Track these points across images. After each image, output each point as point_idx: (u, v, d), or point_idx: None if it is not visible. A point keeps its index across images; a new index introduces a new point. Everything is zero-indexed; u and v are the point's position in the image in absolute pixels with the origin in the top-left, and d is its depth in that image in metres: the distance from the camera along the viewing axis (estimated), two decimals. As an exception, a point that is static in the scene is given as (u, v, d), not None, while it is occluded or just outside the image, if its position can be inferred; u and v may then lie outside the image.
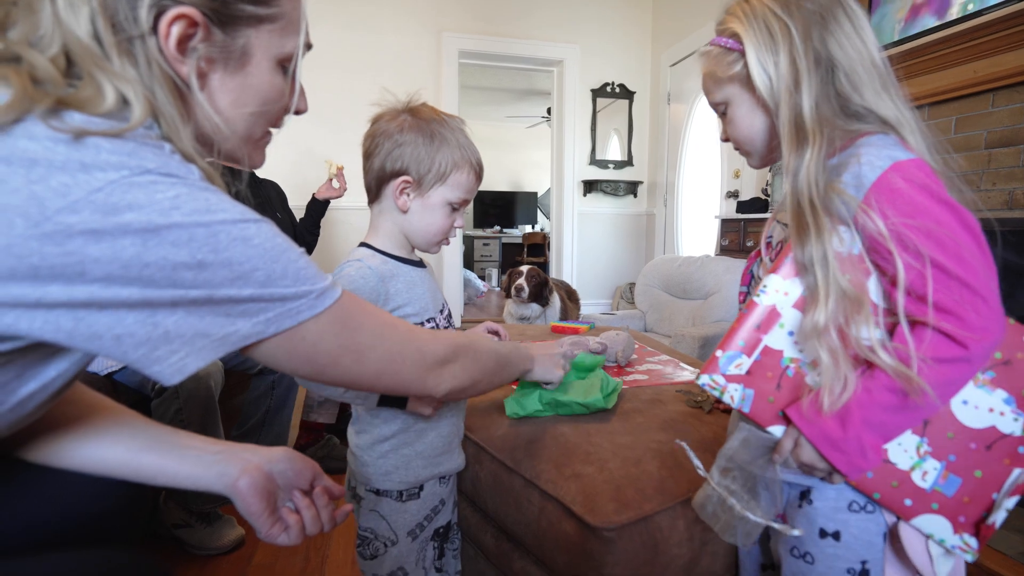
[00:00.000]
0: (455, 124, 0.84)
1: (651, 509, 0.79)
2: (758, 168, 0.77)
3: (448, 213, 0.85)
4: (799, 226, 0.61)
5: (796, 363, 0.62)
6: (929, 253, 0.55)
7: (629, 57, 4.24)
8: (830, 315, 0.58)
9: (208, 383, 1.34)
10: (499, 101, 6.91)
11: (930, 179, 0.58)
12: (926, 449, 0.61)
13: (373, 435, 0.84)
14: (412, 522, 0.86)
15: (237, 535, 1.45)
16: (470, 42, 3.83)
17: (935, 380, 0.56)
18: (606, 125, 4.28)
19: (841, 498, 0.64)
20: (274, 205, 2.04)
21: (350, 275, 0.79)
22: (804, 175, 0.61)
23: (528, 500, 0.89)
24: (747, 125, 0.70)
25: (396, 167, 0.81)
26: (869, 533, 0.64)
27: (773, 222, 0.74)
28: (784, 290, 0.62)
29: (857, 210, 0.58)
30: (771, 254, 0.72)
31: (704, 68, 0.72)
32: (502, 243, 7.82)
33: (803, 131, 0.62)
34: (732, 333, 0.63)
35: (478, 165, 0.85)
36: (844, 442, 0.58)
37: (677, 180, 4.00)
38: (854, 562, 0.64)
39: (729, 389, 0.63)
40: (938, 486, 0.60)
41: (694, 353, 2.22)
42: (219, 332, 0.45)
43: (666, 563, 0.79)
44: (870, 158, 0.59)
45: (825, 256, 0.58)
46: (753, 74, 0.64)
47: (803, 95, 0.62)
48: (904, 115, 0.64)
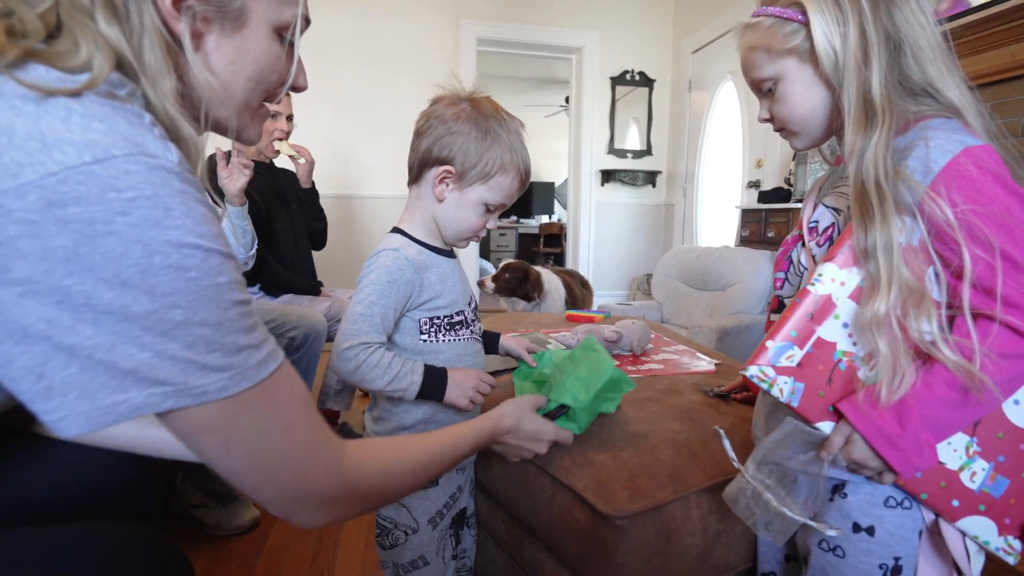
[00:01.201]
0: (513, 126, 0.82)
1: (664, 498, 0.78)
2: (802, 150, 0.74)
3: (482, 213, 0.83)
4: (863, 210, 0.57)
5: (849, 357, 0.59)
6: (999, 244, 0.53)
7: (649, 44, 4.17)
8: (891, 305, 0.55)
9: None
10: (517, 90, 6.86)
11: (1000, 166, 0.56)
12: (975, 449, 0.59)
13: (393, 423, 0.84)
14: (432, 510, 0.86)
15: (252, 516, 1.47)
16: (488, 29, 3.79)
17: (998, 376, 0.53)
18: (625, 114, 4.22)
19: (877, 493, 0.62)
20: (288, 196, 2.05)
21: (387, 266, 0.78)
22: (872, 157, 0.57)
23: (540, 487, 0.88)
24: (803, 103, 0.65)
25: (442, 154, 0.79)
26: (905, 529, 0.62)
27: (818, 206, 0.70)
28: (840, 279, 0.59)
29: (923, 197, 0.55)
30: (817, 240, 0.68)
31: (751, 40, 0.66)
32: (519, 233, 7.79)
33: (872, 109, 0.58)
34: (783, 323, 0.60)
35: (525, 172, 0.83)
36: (901, 439, 0.56)
37: (697, 170, 3.93)
38: (887, 558, 0.62)
39: (779, 382, 0.60)
40: (986, 487, 0.59)
41: (711, 345, 2.19)
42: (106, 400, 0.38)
43: (679, 553, 0.77)
44: (940, 142, 0.56)
45: (889, 243, 0.55)
46: (818, 47, 0.60)
47: (873, 71, 0.58)
48: (966, 97, 0.60)
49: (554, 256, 7.41)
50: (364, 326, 0.76)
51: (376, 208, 3.70)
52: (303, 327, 1.62)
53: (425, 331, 0.82)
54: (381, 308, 0.77)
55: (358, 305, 0.76)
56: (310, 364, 1.67)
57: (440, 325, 0.83)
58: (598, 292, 4.32)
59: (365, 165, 3.63)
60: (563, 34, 3.98)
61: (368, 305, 0.76)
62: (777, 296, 0.74)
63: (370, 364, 0.75)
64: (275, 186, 2.00)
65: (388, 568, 0.88)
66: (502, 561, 1.01)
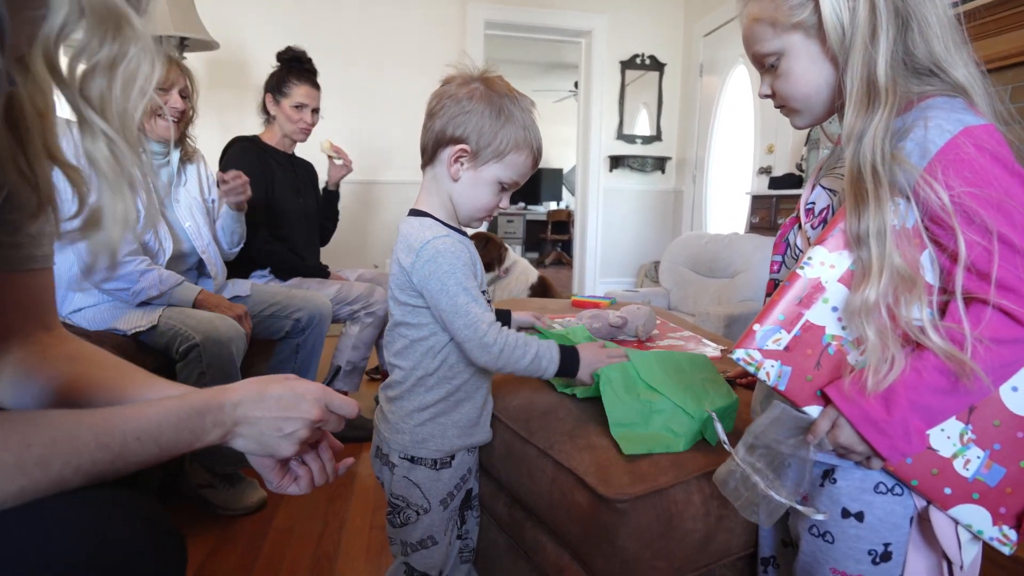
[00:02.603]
0: (525, 104, 0.82)
1: (666, 482, 0.77)
2: (803, 128, 0.70)
3: (497, 192, 0.83)
4: (857, 195, 0.56)
5: (838, 341, 0.58)
6: (996, 227, 0.51)
7: (660, 27, 4.09)
8: (882, 292, 0.54)
9: (231, 348, 1.36)
10: (525, 75, 6.79)
11: (1002, 147, 0.54)
12: (970, 437, 0.57)
13: (415, 403, 0.85)
14: (444, 490, 0.87)
15: (260, 497, 1.49)
16: (496, 12, 3.74)
17: (991, 362, 0.52)
18: (635, 99, 4.16)
19: (867, 479, 0.61)
20: (304, 186, 2.07)
21: (451, 251, 0.78)
22: (870, 140, 0.55)
23: (541, 470, 0.88)
24: (807, 80, 0.62)
25: (457, 133, 0.80)
26: (895, 516, 0.61)
27: (816, 187, 0.69)
28: (830, 263, 0.58)
29: (917, 180, 0.53)
30: (812, 222, 0.67)
31: (755, 12, 0.63)
32: (526, 220, 7.76)
33: (875, 90, 0.56)
34: (771, 306, 0.59)
35: (538, 151, 0.83)
36: (888, 424, 0.54)
37: (707, 156, 3.88)
38: (876, 544, 0.61)
39: (765, 365, 0.59)
40: (980, 475, 0.57)
41: (719, 332, 2.17)
42: None
43: (680, 537, 0.77)
44: (939, 121, 0.54)
45: (883, 229, 0.54)
46: (827, 22, 0.58)
47: (880, 48, 0.56)
48: (974, 77, 0.58)
49: (562, 243, 7.38)
50: (476, 309, 0.77)
51: (387, 193, 3.69)
52: (307, 309, 1.64)
53: None
54: (474, 289, 0.79)
55: (455, 297, 0.77)
56: (315, 345, 1.69)
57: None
58: (605, 279, 4.30)
59: (375, 151, 3.62)
60: (572, 17, 3.92)
61: (464, 291, 0.77)
62: (773, 279, 0.73)
63: (510, 345, 0.78)
64: (293, 175, 2.02)
65: (396, 545, 0.89)
66: (503, 543, 1.02)
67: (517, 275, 2.60)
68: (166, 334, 1.37)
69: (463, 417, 0.87)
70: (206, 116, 3.37)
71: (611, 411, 0.84)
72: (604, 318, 1.34)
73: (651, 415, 0.85)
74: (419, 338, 0.83)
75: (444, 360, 0.83)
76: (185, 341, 1.35)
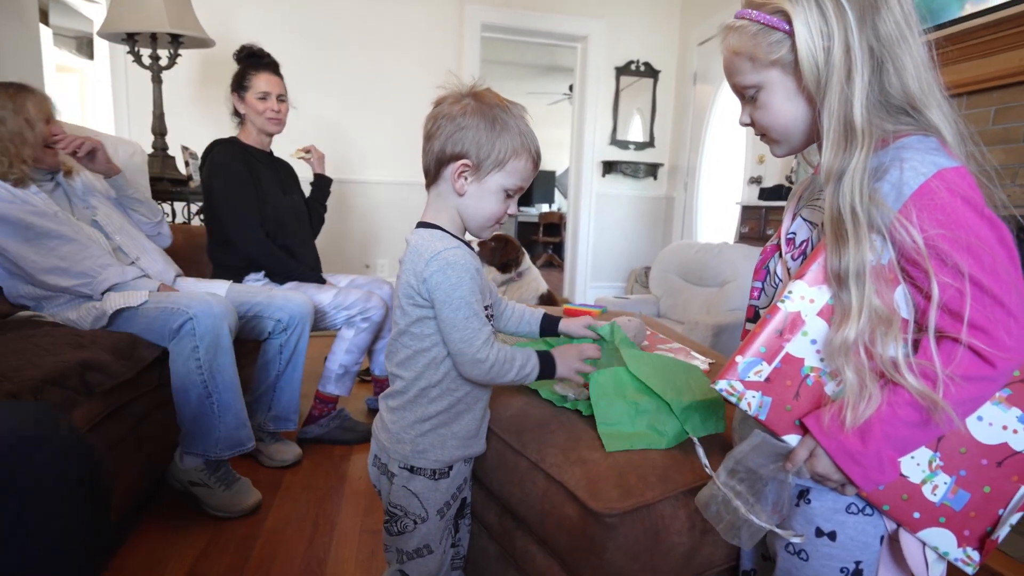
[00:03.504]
0: (517, 111, 0.85)
1: (654, 497, 0.80)
2: (781, 156, 0.72)
3: (503, 199, 0.85)
4: (837, 235, 0.57)
5: (816, 372, 0.61)
6: (968, 269, 0.53)
7: (656, 34, 4.13)
8: (860, 332, 0.56)
9: (223, 324, 1.40)
10: (521, 76, 6.80)
11: (972, 190, 0.56)
12: (938, 463, 0.60)
13: (416, 414, 0.86)
14: (441, 500, 0.88)
15: (256, 499, 1.49)
16: (493, 14, 3.76)
17: (959, 398, 0.54)
18: (629, 105, 4.19)
19: (840, 500, 0.64)
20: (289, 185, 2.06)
21: (461, 263, 0.80)
22: (849, 181, 0.57)
23: (532, 482, 0.90)
24: (784, 113, 0.64)
25: (456, 150, 0.82)
26: (866, 535, 0.64)
27: (796, 218, 0.71)
28: (810, 297, 0.60)
29: (892, 222, 0.55)
30: (793, 252, 0.69)
31: (734, 46, 0.63)
32: (518, 222, 7.77)
33: (852, 131, 0.57)
34: (753, 338, 0.61)
35: (536, 153, 0.86)
36: (864, 456, 0.57)
37: (699, 164, 3.92)
38: (848, 562, 0.64)
39: (747, 396, 0.62)
40: (947, 500, 0.60)
41: (707, 341, 2.21)
42: None
43: (666, 551, 0.80)
44: (914, 163, 0.56)
45: (862, 269, 0.56)
46: (802, 61, 0.58)
47: (855, 89, 0.57)
48: (947, 115, 0.59)
49: (553, 245, 7.41)
50: (474, 325, 0.80)
51: (375, 192, 3.69)
52: (287, 309, 1.65)
53: None
54: (477, 304, 0.81)
55: (459, 311, 0.79)
56: (299, 344, 1.69)
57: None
58: (596, 283, 4.34)
59: (366, 150, 3.62)
60: (569, 22, 3.94)
61: (466, 305, 0.79)
62: (753, 306, 0.75)
63: (499, 361, 0.81)
64: (276, 173, 2.01)
65: (391, 553, 0.91)
66: (494, 552, 1.04)
67: (529, 282, 2.62)
68: (159, 318, 1.39)
69: (463, 428, 0.89)
70: (201, 113, 3.37)
71: (599, 411, 0.90)
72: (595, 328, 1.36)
73: (637, 415, 0.90)
74: (422, 349, 0.84)
75: (448, 372, 0.85)
76: (179, 317, 1.37)
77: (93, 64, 3.83)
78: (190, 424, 1.41)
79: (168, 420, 1.44)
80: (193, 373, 1.38)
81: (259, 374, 1.71)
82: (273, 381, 1.70)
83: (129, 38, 2.41)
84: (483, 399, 0.91)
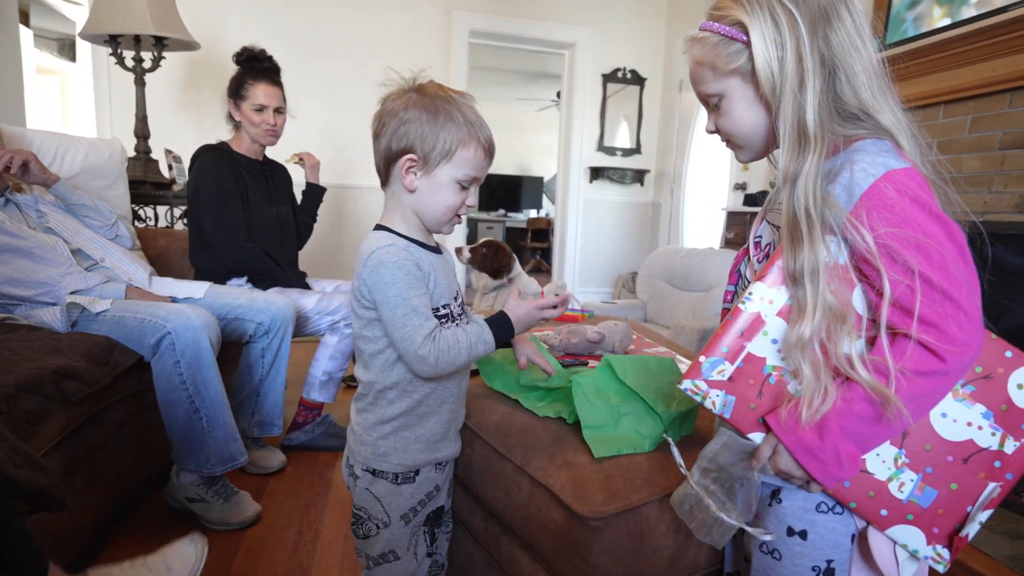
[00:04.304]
0: (462, 100, 0.82)
1: (639, 500, 0.80)
2: (745, 162, 0.75)
3: (457, 191, 0.83)
4: (792, 236, 0.59)
5: (778, 371, 0.62)
6: (917, 266, 0.54)
7: (642, 42, 4.18)
8: (815, 328, 0.57)
9: (203, 336, 1.37)
10: (509, 83, 6.84)
11: (922, 190, 0.57)
12: (904, 460, 0.61)
13: (377, 416, 0.85)
14: (406, 506, 0.86)
15: (256, 510, 1.46)
16: (481, 21, 3.77)
17: (912, 393, 0.55)
18: (615, 111, 4.23)
19: (810, 499, 0.65)
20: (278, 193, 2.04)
21: (394, 260, 0.78)
22: (803, 183, 0.59)
23: (518, 486, 0.90)
24: (744, 120, 0.66)
25: (401, 145, 0.80)
26: (836, 534, 0.64)
27: (763, 221, 0.72)
28: (769, 298, 0.61)
29: (844, 223, 0.57)
30: (759, 255, 0.71)
31: (698, 56, 0.66)
32: (506, 227, 7.78)
33: (805, 136, 0.59)
34: (716, 339, 0.63)
35: (487, 142, 0.82)
36: (821, 451, 0.58)
37: (685, 170, 3.96)
38: (819, 560, 0.65)
39: (711, 395, 0.63)
40: (914, 497, 0.61)
41: (692, 345, 2.22)
42: None
43: (651, 553, 0.80)
44: (864, 165, 0.58)
45: (816, 269, 0.57)
46: (759, 70, 0.61)
47: (807, 96, 0.59)
48: (900, 119, 0.62)
49: (541, 251, 7.43)
50: (415, 321, 0.77)
51: (367, 198, 3.68)
52: (268, 312, 1.63)
53: None
54: (416, 299, 0.78)
55: (396, 309, 0.77)
56: (281, 348, 1.67)
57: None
58: (584, 288, 4.35)
59: (355, 155, 3.61)
60: (556, 29, 3.97)
61: (403, 303, 0.77)
62: (725, 308, 0.76)
63: (443, 350, 0.77)
64: (265, 182, 1.99)
65: (362, 558, 0.89)
66: (480, 558, 1.03)
67: (520, 287, 2.65)
68: (136, 329, 1.36)
69: (427, 432, 0.86)
70: (185, 117, 3.34)
71: (583, 415, 0.90)
72: (582, 333, 1.37)
73: (620, 418, 0.91)
74: (376, 351, 0.83)
75: (404, 374, 0.83)
76: (157, 332, 1.34)
77: (75, 66, 3.78)
78: (180, 439, 1.39)
79: (148, 426, 1.42)
80: (178, 389, 1.35)
81: (241, 378, 1.69)
82: (256, 385, 1.68)
83: (112, 40, 2.39)
84: (448, 402, 0.88)
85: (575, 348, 1.35)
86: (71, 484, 1.18)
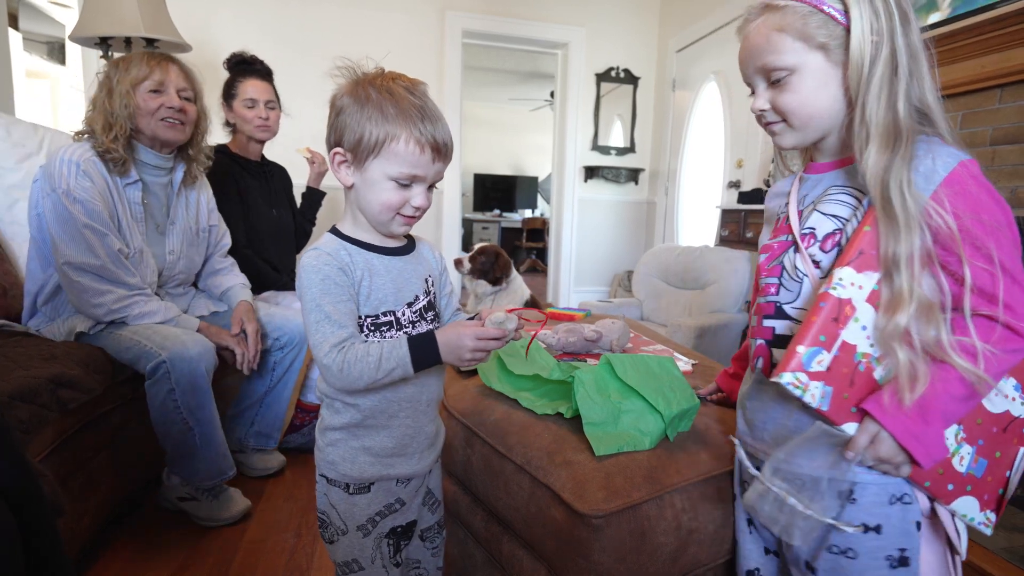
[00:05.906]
0: (403, 91, 0.72)
1: (640, 498, 0.80)
2: (788, 148, 0.71)
3: (395, 188, 0.74)
4: (889, 223, 0.60)
5: (867, 358, 0.62)
6: (996, 252, 0.58)
7: (635, 42, 4.18)
8: (911, 316, 0.59)
9: (200, 367, 1.33)
10: (503, 83, 6.83)
11: (986, 180, 0.61)
12: (962, 436, 0.64)
13: (326, 422, 0.81)
14: (362, 516, 0.81)
15: (244, 506, 1.47)
16: (474, 21, 3.77)
17: (998, 370, 0.59)
18: (609, 111, 4.23)
19: (883, 493, 0.65)
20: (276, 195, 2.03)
21: (312, 265, 0.74)
22: (896, 173, 0.60)
23: (519, 485, 0.90)
24: (816, 102, 0.65)
25: (332, 138, 0.75)
26: (907, 523, 0.66)
27: (812, 211, 0.70)
28: (859, 284, 0.61)
29: (926, 207, 0.59)
30: (821, 245, 0.68)
31: (778, 23, 0.63)
32: (501, 227, 7.78)
33: (898, 127, 0.61)
34: (808, 327, 0.61)
35: (425, 136, 0.72)
36: (926, 435, 0.59)
37: (679, 168, 3.97)
38: (893, 550, 0.65)
39: (811, 387, 0.61)
40: (972, 469, 0.64)
41: (689, 343, 2.23)
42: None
43: (652, 551, 0.80)
44: (942, 154, 0.61)
45: (912, 255, 0.59)
46: (853, 52, 0.61)
47: (900, 88, 0.61)
48: (946, 120, 0.64)
49: (536, 251, 7.43)
50: (324, 329, 0.72)
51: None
52: (286, 329, 1.64)
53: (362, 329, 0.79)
54: (330, 305, 0.73)
55: (308, 315, 0.73)
56: (292, 365, 1.68)
57: (362, 324, 0.77)
58: (580, 288, 4.36)
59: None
60: (550, 29, 3.97)
61: (316, 309, 0.73)
62: (773, 302, 0.73)
63: (350, 362, 0.71)
64: (265, 184, 1.98)
65: (335, 564, 0.86)
66: (480, 558, 1.03)
67: (515, 290, 2.71)
68: (131, 350, 1.33)
69: (377, 445, 0.80)
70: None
71: (584, 412, 0.90)
72: (579, 332, 1.36)
73: (620, 415, 0.90)
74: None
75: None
76: (152, 359, 1.30)
77: (65, 69, 3.75)
78: (173, 453, 1.38)
79: (145, 432, 1.40)
80: (172, 412, 1.33)
81: (246, 387, 1.67)
82: (261, 396, 1.67)
83: (102, 42, 2.37)
84: (399, 416, 0.80)
85: (573, 347, 1.35)
86: (67, 490, 1.17)
